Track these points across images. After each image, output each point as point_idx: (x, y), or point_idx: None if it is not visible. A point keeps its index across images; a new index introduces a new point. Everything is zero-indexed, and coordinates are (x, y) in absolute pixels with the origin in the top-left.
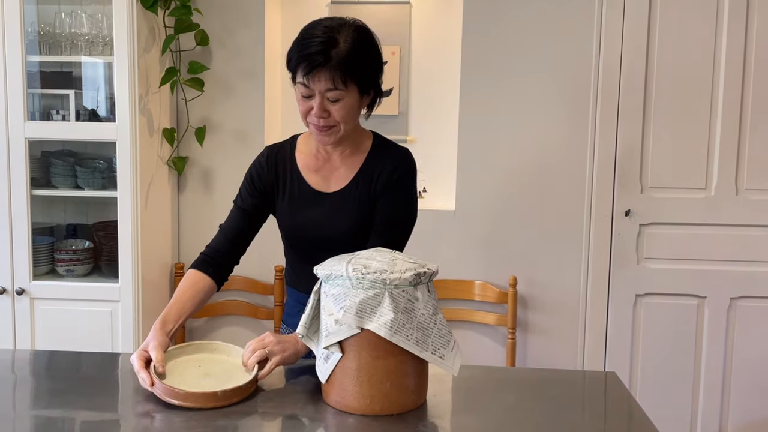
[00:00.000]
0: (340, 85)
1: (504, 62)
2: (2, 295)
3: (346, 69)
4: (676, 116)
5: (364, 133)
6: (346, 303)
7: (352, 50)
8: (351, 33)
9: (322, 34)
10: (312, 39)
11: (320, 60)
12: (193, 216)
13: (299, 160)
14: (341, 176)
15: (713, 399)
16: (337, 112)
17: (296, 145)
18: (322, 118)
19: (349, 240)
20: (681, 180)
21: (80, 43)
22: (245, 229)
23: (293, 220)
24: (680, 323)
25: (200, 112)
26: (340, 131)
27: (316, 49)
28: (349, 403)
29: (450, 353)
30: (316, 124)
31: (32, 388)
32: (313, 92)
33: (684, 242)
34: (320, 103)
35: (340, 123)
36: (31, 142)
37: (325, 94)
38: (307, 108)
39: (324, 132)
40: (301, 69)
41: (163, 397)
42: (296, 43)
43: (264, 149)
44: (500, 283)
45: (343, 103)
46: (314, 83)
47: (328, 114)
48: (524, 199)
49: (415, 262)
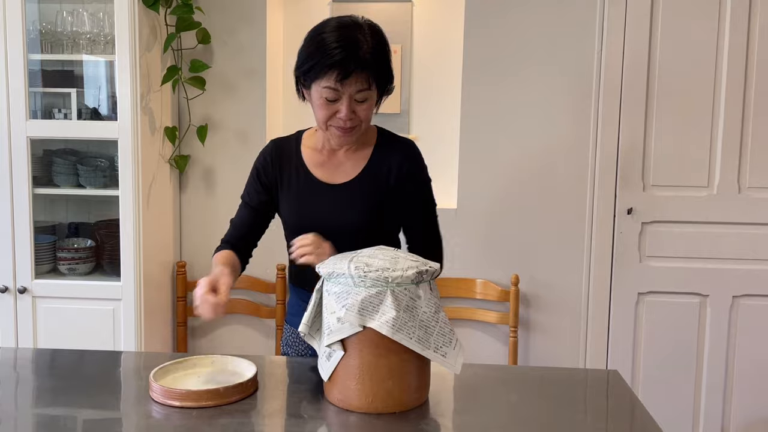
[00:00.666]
0: (372, 84)
1: (506, 60)
2: (4, 294)
3: (375, 69)
4: (678, 114)
5: (369, 128)
6: (348, 301)
7: (375, 49)
8: (368, 31)
9: (342, 37)
10: (334, 43)
11: (355, 64)
12: (195, 214)
13: (305, 154)
14: (348, 170)
15: (716, 397)
16: (363, 112)
17: (302, 140)
18: (350, 119)
19: (355, 234)
20: (683, 178)
21: (82, 41)
22: (253, 225)
23: (299, 212)
24: (682, 321)
25: (202, 111)
26: (360, 130)
27: (346, 54)
28: (352, 401)
29: (452, 351)
30: (342, 126)
31: (34, 386)
32: (341, 95)
33: (686, 240)
34: (348, 105)
35: (363, 122)
36: (32, 140)
37: (355, 96)
38: (331, 112)
39: (348, 133)
40: (331, 74)
41: (164, 401)
42: (314, 49)
43: (268, 143)
44: (502, 281)
45: (369, 103)
46: (347, 86)
47: (355, 115)
48: (526, 197)
49: (417, 260)
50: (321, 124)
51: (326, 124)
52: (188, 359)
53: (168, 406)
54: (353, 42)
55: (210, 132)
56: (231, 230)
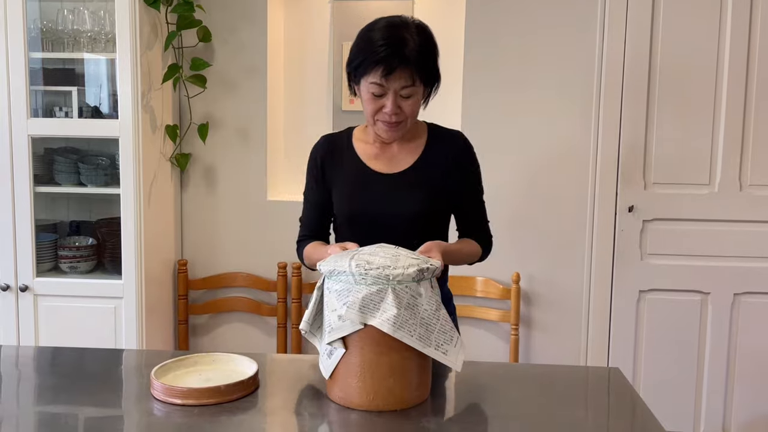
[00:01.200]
0: (417, 81)
1: (507, 59)
2: (6, 292)
3: (420, 66)
4: (679, 112)
5: (418, 123)
6: (349, 299)
7: (421, 47)
8: (415, 30)
9: (389, 35)
10: (381, 40)
11: (399, 60)
12: (196, 213)
13: (358, 147)
14: (402, 160)
15: (717, 395)
16: (409, 107)
17: (353, 135)
18: (395, 114)
19: (410, 222)
20: (684, 176)
21: (83, 39)
22: (321, 219)
23: (355, 203)
24: (684, 319)
25: (203, 109)
26: (406, 126)
27: (392, 51)
28: (353, 399)
29: (453, 349)
30: (387, 121)
31: (36, 384)
32: (387, 91)
33: (687, 238)
34: (394, 100)
35: (409, 117)
36: (33, 139)
37: (400, 92)
38: (378, 106)
39: (394, 128)
40: (377, 70)
41: (165, 399)
42: (364, 47)
43: (320, 139)
44: (503, 279)
45: (415, 99)
46: (391, 82)
47: (400, 110)
48: (527, 195)
49: (418, 257)
50: (369, 119)
51: (374, 118)
52: (189, 357)
53: (169, 403)
54: (399, 40)
55: (211, 130)
56: (303, 229)
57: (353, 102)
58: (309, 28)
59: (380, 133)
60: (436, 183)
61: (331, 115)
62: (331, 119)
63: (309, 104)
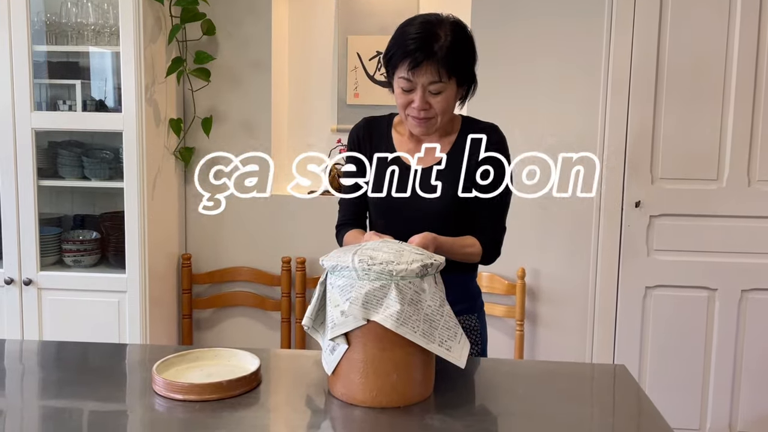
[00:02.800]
0: (444, 77)
1: (513, 50)
2: (10, 286)
3: (449, 62)
4: (687, 106)
5: (454, 117)
6: (352, 294)
7: (453, 44)
8: (450, 27)
9: (423, 30)
10: (413, 35)
11: (425, 55)
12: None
13: (395, 138)
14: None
15: (723, 392)
16: (438, 104)
17: (393, 123)
18: (423, 110)
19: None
20: (692, 171)
21: (86, 32)
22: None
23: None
24: (690, 316)
25: (207, 103)
26: (437, 123)
27: (420, 44)
28: (355, 395)
29: (457, 345)
30: (416, 116)
31: (39, 378)
32: (415, 86)
33: (695, 234)
34: (422, 95)
35: (439, 115)
36: (37, 132)
37: (428, 87)
38: (407, 101)
39: (422, 123)
40: (405, 64)
41: (167, 394)
42: (397, 40)
43: (361, 120)
44: (508, 274)
45: (444, 96)
46: (418, 77)
47: (429, 106)
48: (533, 189)
49: (422, 253)
50: (401, 113)
51: (404, 112)
52: (191, 352)
53: (171, 399)
54: (431, 35)
55: (215, 124)
56: (341, 214)
57: (358, 96)
58: (314, 22)
59: (411, 128)
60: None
61: (335, 109)
62: (336, 113)
63: (313, 98)
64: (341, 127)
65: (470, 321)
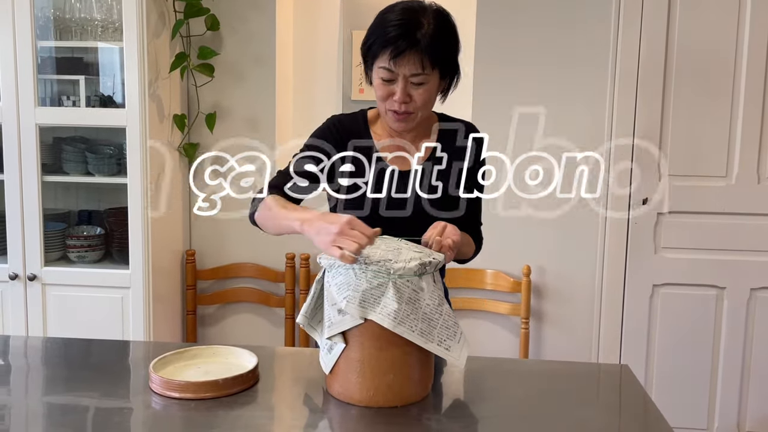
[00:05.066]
0: (428, 68)
1: (519, 47)
2: (14, 281)
3: (434, 51)
4: (696, 102)
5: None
6: (350, 293)
7: (437, 31)
8: (433, 15)
9: (404, 17)
10: (394, 22)
11: (408, 43)
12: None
13: (374, 137)
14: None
15: (731, 392)
16: (420, 96)
17: (368, 122)
18: (404, 103)
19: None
20: (701, 167)
21: (90, 28)
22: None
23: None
24: (698, 314)
25: (211, 98)
26: (416, 117)
27: (401, 32)
28: (352, 395)
29: (456, 345)
30: (396, 110)
31: (37, 375)
32: (396, 76)
33: (703, 231)
34: (403, 87)
35: (420, 109)
36: (42, 128)
37: (410, 79)
38: (388, 92)
39: (402, 118)
40: (386, 53)
41: (163, 392)
42: (376, 27)
43: (332, 118)
44: (513, 272)
45: (426, 88)
46: (400, 67)
47: (410, 99)
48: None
49: (421, 251)
50: (380, 106)
51: (384, 105)
52: (189, 350)
53: (167, 397)
54: (413, 22)
55: (219, 120)
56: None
57: (363, 92)
58: (318, 17)
59: (389, 123)
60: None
61: (340, 105)
62: (341, 109)
63: (318, 94)
64: None
65: None
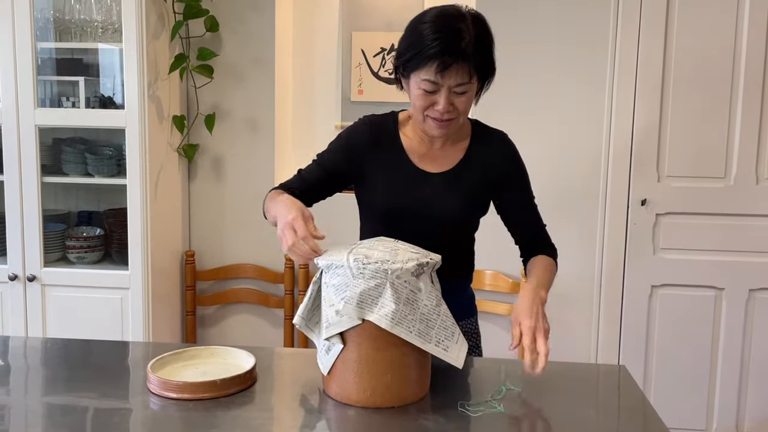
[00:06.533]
0: (474, 77)
1: (517, 47)
2: (14, 282)
3: (479, 60)
4: (694, 102)
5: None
6: (347, 294)
7: (479, 39)
8: (472, 20)
9: (444, 28)
10: (433, 35)
11: (454, 56)
12: (204, 204)
13: (404, 142)
14: (446, 159)
15: (730, 393)
16: (462, 104)
17: (398, 123)
18: (448, 112)
19: (450, 224)
20: (699, 168)
21: (90, 29)
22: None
23: (391, 196)
24: (697, 315)
25: (210, 100)
26: (458, 123)
27: (447, 45)
28: (350, 395)
29: (454, 345)
30: (439, 118)
31: (41, 376)
32: (440, 87)
33: (702, 232)
34: (447, 97)
35: (461, 115)
36: (42, 129)
37: (454, 89)
38: (429, 102)
39: (445, 125)
40: (431, 66)
41: (161, 392)
42: (415, 40)
43: (364, 118)
44: (512, 272)
45: (468, 95)
46: (447, 79)
47: (454, 107)
48: (537, 186)
49: (418, 251)
50: (418, 114)
51: (423, 114)
52: (187, 350)
53: (165, 397)
54: (454, 32)
55: (218, 121)
56: (297, 180)
57: (362, 93)
58: (318, 18)
59: (429, 130)
60: (477, 185)
61: (340, 106)
62: (340, 110)
63: (318, 94)
64: (345, 123)
65: (470, 325)
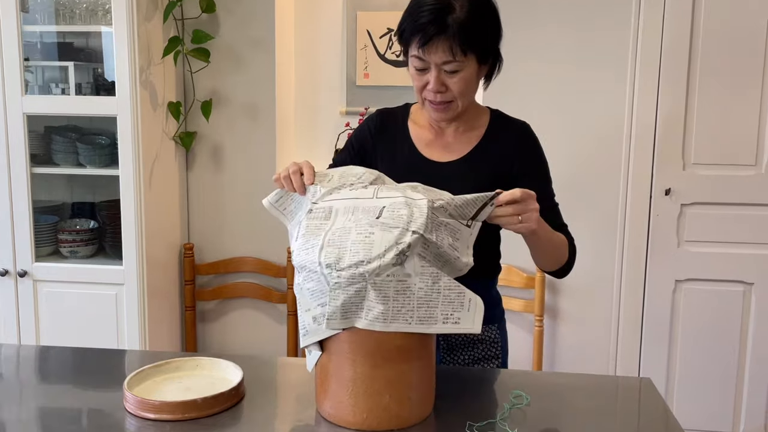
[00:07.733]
0: (459, 55)
1: (534, 30)
2: (4, 277)
3: (465, 37)
4: (722, 86)
5: (480, 109)
6: (328, 308)
7: (470, 15)
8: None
9: (437, 2)
10: (425, 6)
11: (436, 29)
12: (203, 194)
13: (412, 130)
14: (456, 149)
15: (759, 393)
16: (455, 85)
17: (409, 114)
18: (440, 92)
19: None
20: (727, 156)
21: (78, 11)
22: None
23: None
24: (724, 311)
25: (207, 85)
26: (458, 107)
27: (431, 17)
28: (344, 417)
29: (466, 313)
30: (432, 100)
31: (34, 385)
32: (428, 65)
33: (729, 224)
34: (437, 76)
35: (458, 98)
36: (30, 117)
37: (442, 67)
38: (423, 83)
39: (440, 108)
40: (415, 40)
41: (136, 412)
42: (408, 13)
43: (375, 112)
44: (527, 266)
45: (462, 75)
46: (430, 55)
47: (446, 88)
48: (555, 176)
49: (396, 227)
50: (418, 96)
51: (420, 96)
52: (170, 362)
53: (142, 418)
54: (444, 6)
55: (217, 107)
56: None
57: (368, 76)
58: None
59: (429, 113)
60: (490, 176)
61: (344, 90)
62: (345, 95)
63: (321, 78)
64: (350, 109)
65: (491, 332)
